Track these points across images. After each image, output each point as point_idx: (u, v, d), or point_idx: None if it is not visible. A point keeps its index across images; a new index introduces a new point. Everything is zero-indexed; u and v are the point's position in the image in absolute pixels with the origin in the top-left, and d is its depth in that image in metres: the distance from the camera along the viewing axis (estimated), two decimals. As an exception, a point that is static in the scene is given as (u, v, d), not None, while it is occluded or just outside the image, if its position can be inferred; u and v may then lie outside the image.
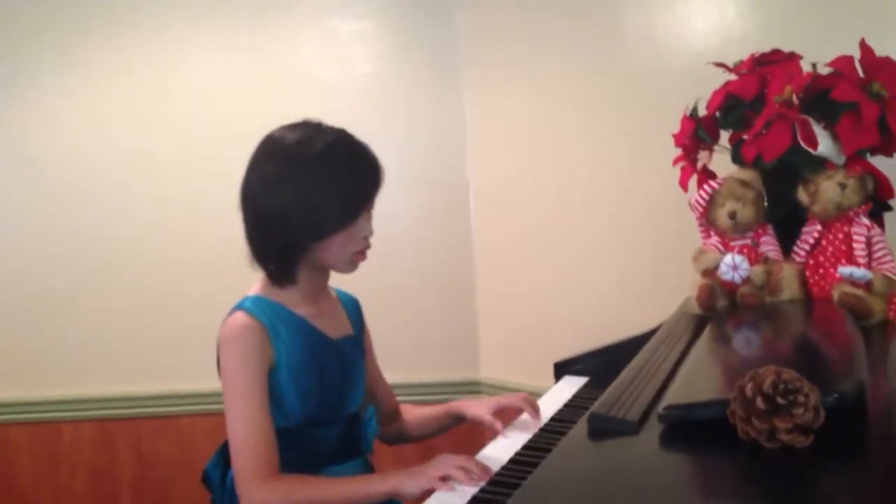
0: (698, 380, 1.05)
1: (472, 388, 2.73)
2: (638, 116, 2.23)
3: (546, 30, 2.44)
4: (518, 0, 2.52)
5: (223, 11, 2.74)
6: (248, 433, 1.29)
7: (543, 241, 2.50)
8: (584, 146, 2.37)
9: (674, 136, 1.73)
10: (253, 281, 1.47)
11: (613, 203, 2.30)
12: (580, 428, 1.00)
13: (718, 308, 1.53)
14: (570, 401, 1.62)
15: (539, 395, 1.73)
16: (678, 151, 1.75)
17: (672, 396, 0.96)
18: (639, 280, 2.26)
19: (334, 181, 1.35)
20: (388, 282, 2.70)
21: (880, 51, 1.51)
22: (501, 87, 2.59)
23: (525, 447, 1.34)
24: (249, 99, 2.71)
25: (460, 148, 2.70)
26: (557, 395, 1.69)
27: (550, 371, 1.92)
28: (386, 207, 2.66)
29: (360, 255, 1.44)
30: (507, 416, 1.54)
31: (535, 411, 1.50)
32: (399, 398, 2.65)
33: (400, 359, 2.73)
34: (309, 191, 1.34)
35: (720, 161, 1.72)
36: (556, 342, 2.33)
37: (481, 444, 1.45)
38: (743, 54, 1.67)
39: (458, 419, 1.60)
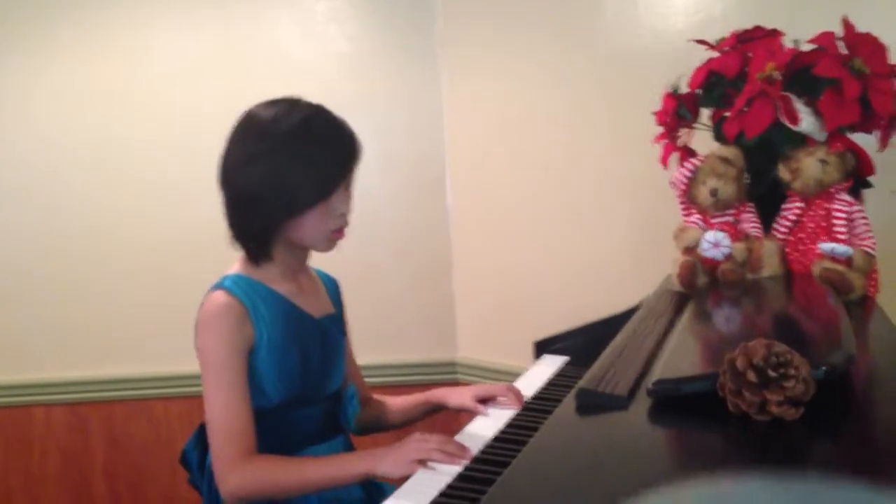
0: (683, 355, 1.04)
1: (449, 368, 2.72)
2: (617, 95, 2.22)
3: (524, 8, 2.42)
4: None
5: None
6: (224, 414, 1.27)
7: (520, 220, 2.49)
8: (563, 125, 2.36)
9: (655, 113, 1.72)
10: (229, 261, 1.45)
11: (592, 181, 2.30)
12: (568, 404, 0.99)
13: (700, 285, 1.53)
14: (553, 379, 1.62)
15: (517, 374, 1.72)
16: (659, 130, 1.75)
17: (659, 371, 0.95)
18: (619, 258, 2.26)
19: (308, 157, 1.33)
20: (363, 261, 2.68)
21: (862, 27, 1.51)
22: (478, 66, 2.57)
23: (509, 425, 1.33)
24: (222, 79, 2.66)
25: (436, 127, 2.67)
26: (539, 373, 1.68)
27: (529, 351, 1.91)
28: (362, 187, 2.66)
29: (338, 233, 1.41)
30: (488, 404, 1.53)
31: (518, 401, 1.47)
32: (375, 379, 2.66)
33: (376, 339, 2.72)
34: (282, 167, 1.32)
35: (701, 139, 1.72)
36: (534, 322, 2.33)
37: (460, 426, 1.44)
38: (724, 32, 1.67)
39: (438, 408, 1.59)
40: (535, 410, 1.40)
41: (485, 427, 1.35)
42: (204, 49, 2.69)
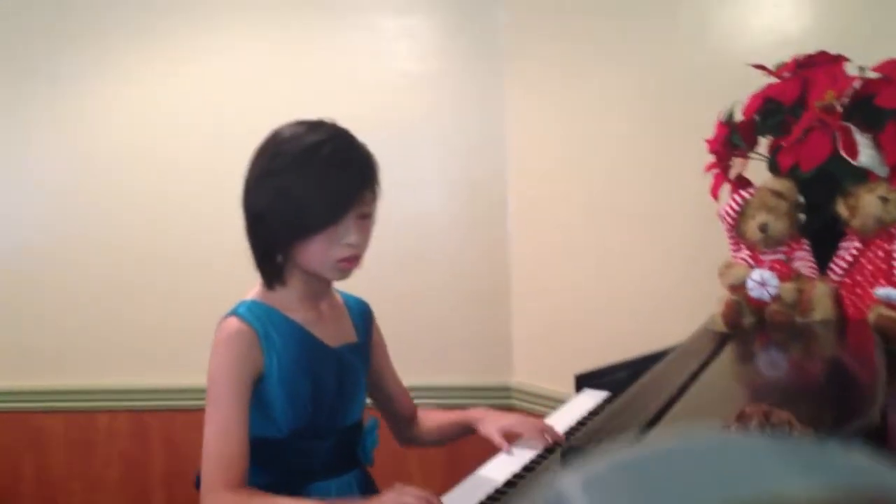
0: (695, 410, 0.96)
1: (504, 393, 2.66)
2: (679, 118, 2.12)
3: (588, 29, 2.35)
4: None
5: (270, 8, 2.72)
6: (217, 441, 1.25)
7: (578, 246, 2.42)
8: (622, 149, 2.28)
9: (707, 141, 1.63)
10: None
11: (649, 209, 2.21)
12: (555, 461, 0.92)
13: (745, 326, 1.44)
14: (586, 417, 1.54)
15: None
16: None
17: (653, 431, 0.88)
18: (673, 290, 2.16)
19: (315, 179, 1.28)
20: (422, 281, 2.66)
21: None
22: (542, 87, 2.51)
23: (525, 468, 1.27)
24: (291, 96, 2.68)
25: (499, 148, 2.62)
26: (575, 408, 1.62)
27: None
28: (422, 205, 2.66)
29: (346, 262, 1.34)
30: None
31: (543, 441, 1.39)
32: (428, 401, 2.62)
33: (431, 360, 2.69)
34: (289, 187, 1.28)
35: (759, 169, 1.62)
36: (588, 350, 2.25)
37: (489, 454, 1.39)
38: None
39: (470, 430, 1.53)
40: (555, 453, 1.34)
41: (501, 467, 1.30)
42: (276, 66, 2.73)
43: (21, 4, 2.83)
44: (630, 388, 1.17)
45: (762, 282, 1.42)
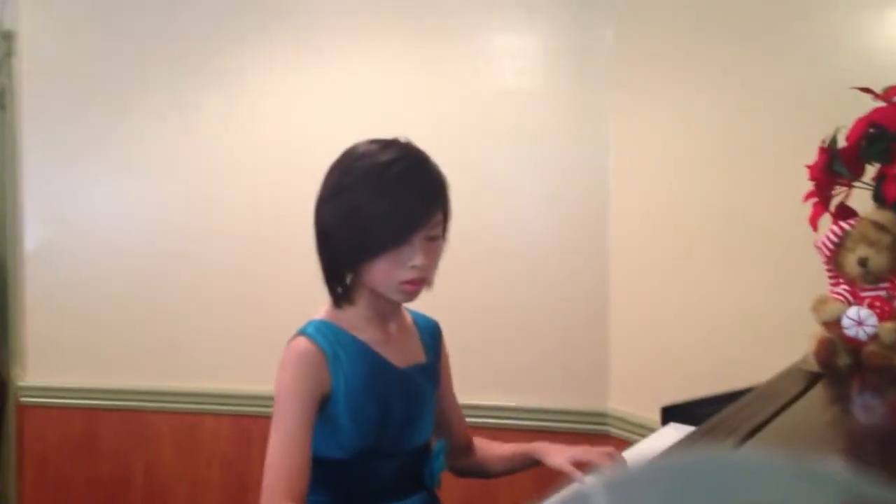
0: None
1: (599, 419, 2.59)
2: (790, 143, 2.01)
3: (697, 49, 2.27)
4: (670, 18, 2.36)
5: (373, 25, 2.77)
6: (279, 454, 1.26)
7: (677, 270, 2.33)
8: (730, 172, 2.18)
9: (808, 167, 1.54)
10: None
11: (755, 234, 2.10)
12: None
13: (839, 366, 1.34)
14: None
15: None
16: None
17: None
18: (775, 321, 2.05)
19: (383, 198, 1.28)
20: (516, 299, 2.64)
21: None
22: (646, 106, 2.44)
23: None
24: (395, 111, 2.72)
25: (602, 166, 2.57)
26: (654, 444, 1.55)
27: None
28: (521, 223, 2.63)
29: (411, 284, 1.33)
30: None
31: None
32: (520, 422, 2.60)
33: (524, 381, 2.65)
34: (357, 205, 1.28)
35: (866, 199, 1.52)
36: (688, 378, 2.17)
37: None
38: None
39: (534, 462, 1.49)
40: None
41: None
42: (382, 82, 2.77)
43: (137, 24, 2.99)
44: (697, 428, 1.11)
45: (859, 320, 1.32)
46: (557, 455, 1.42)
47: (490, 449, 1.59)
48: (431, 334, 1.52)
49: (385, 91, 2.77)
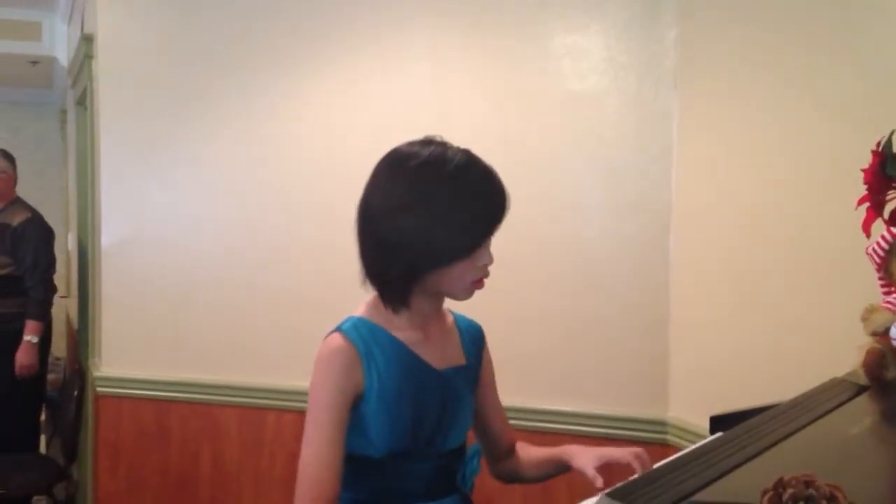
0: (776, 468, 0.87)
1: (658, 427, 2.53)
2: (849, 147, 1.92)
3: (763, 49, 2.20)
4: (734, 18, 2.30)
5: (434, 24, 2.78)
6: (312, 463, 1.28)
7: (739, 278, 2.26)
8: (792, 178, 2.11)
9: (863, 171, 1.48)
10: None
11: (819, 245, 2.02)
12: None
13: (888, 379, 1.29)
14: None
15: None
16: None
17: (709, 493, 0.80)
18: (833, 332, 1.96)
19: (461, 209, 1.29)
20: (574, 305, 2.61)
21: None
22: (713, 108, 2.38)
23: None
24: (453, 111, 2.73)
25: (665, 171, 2.51)
26: (697, 453, 1.51)
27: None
28: (580, 228, 2.60)
29: (478, 283, 1.35)
30: (620, 470, 1.39)
31: (643, 471, 1.33)
32: (580, 428, 2.57)
33: (582, 387, 2.62)
34: (434, 218, 1.28)
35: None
36: (747, 388, 2.11)
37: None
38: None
39: (566, 467, 1.47)
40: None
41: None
42: (440, 81, 2.78)
43: (212, 30, 3.08)
44: (721, 434, 1.08)
45: (908, 331, 1.27)
46: (582, 457, 1.39)
47: (526, 454, 1.57)
48: (473, 337, 1.51)
49: (440, 92, 2.78)
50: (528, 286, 2.62)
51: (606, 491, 0.83)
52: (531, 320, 2.65)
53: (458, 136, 1.43)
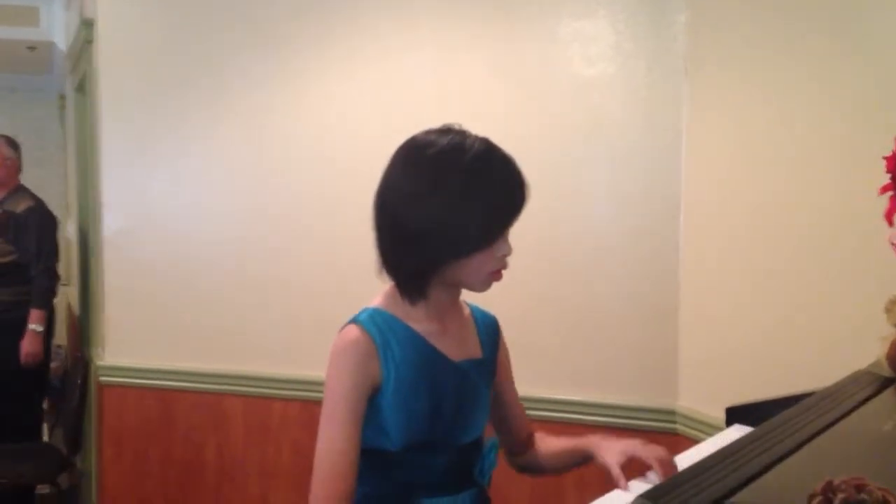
0: (812, 467, 0.85)
1: (667, 417, 2.52)
2: (868, 135, 1.90)
3: (778, 34, 2.17)
4: (748, 1, 2.26)
5: (440, 10, 2.75)
6: (327, 458, 1.26)
7: (750, 267, 2.24)
8: (805, 165, 2.08)
9: (885, 158, 1.45)
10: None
11: (835, 234, 2.00)
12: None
13: (914, 371, 1.27)
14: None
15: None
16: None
17: (746, 494, 0.78)
18: (850, 322, 1.95)
19: (481, 199, 1.26)
20: (583, 294, 2.59)
21: None
22: (723, 94, 2.35)
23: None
24: (460, 98, 2.70)
25: (674, 158, 2.48)
26: (716, 444, 1.49)
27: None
28: (589, 216, 2.58)
29: (496, 274, 1.33)
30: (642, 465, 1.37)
31: (665, 474, 1.30)
32: (590, 418, 2.55)
33: (591, 376, 2.61)
34: (453, 208, 1.25)
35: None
36: (758, 378, 2.09)
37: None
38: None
39: (587, 458, 1.44)
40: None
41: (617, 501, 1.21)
42: (450, 69, 2.76)
43: (212, 14, 3.05)
44: (757, 427, 1.06)
45: (934, 323, 1.25)
46: (607, 453, 1.35)
47: (545, 445, 1.54)
48: (489, 329, 1.49)
49: (446, 79, 2.75)
50: (537, 275, 2.60)
51: (641, 493, 0.81)
52: (539, 310, 2.64)
53: (465, 124, 1.39)
